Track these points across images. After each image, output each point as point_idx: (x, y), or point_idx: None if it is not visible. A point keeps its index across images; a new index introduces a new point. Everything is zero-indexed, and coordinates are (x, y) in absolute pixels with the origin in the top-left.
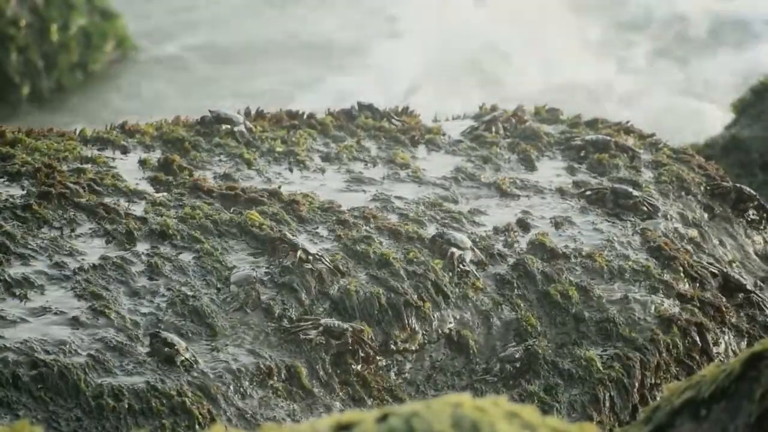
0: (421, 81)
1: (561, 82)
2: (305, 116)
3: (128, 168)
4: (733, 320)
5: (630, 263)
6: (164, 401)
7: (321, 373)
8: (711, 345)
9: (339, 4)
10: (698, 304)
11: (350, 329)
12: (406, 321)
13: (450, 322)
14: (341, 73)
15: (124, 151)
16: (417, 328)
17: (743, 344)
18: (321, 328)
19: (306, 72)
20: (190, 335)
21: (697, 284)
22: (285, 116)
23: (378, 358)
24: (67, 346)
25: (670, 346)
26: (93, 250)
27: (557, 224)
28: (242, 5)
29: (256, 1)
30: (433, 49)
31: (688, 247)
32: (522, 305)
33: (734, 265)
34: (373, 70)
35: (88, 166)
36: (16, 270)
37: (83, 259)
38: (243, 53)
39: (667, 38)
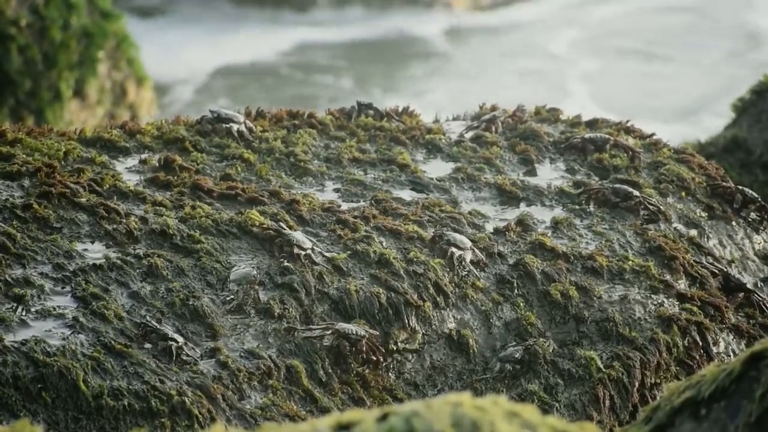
0: None
1: None
2: (306, 116)
3: (128, 168)
4: (733, 320)
5: (630, 263)
6: (164, 401)
7: (321, 373)
8: (711, 344)
9: None
10: (698, 304)
11: (367, 335)
12: (406, 321)
13: (450, 322)
14: None
15: (125, 151)
16: (417, 328)
17: (743, 344)
18: (335, 334)
19: None
20: (190, 335)
21: (697, 284)
22: (285, 116)
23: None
24: (67, 346)
25: (671, 346)
26: (93, 250)
27: (557, 224)
28: None
29: None
30: None
31: (689, 247)
32: (522, 305)
33: (734, 264)
34: None
35: (89, 166)
36: (16, 270)
37: (83, 260)
38: None
39: None
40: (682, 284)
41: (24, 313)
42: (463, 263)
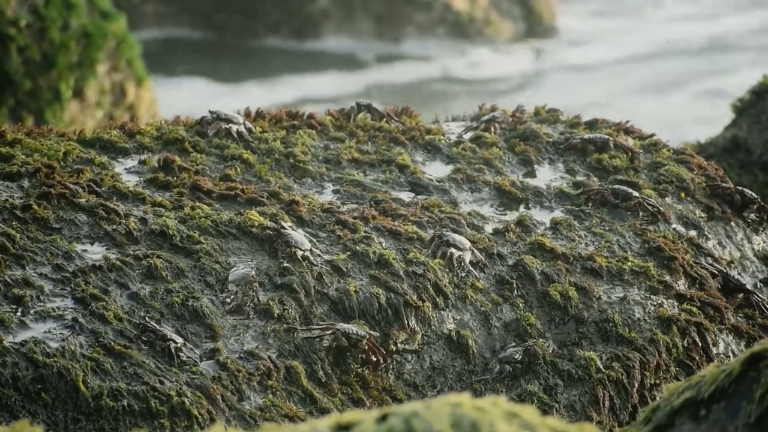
0: None
1: None
2: (305, 116)
3: (128, 169)
4: (733, 320)
5: (629, 264)
6: (163, 402)
7: (320, 373)
8: (710, 345)
9: None
10: (698, 305)
11: (367, 336)
12: (406, 321)
13: (450, 323)
14: None
15: (124, 151)
16: (417, 329)
17: (742, 344)
18: (336, 334)
19: None
20: (189, 336)
21: (697, 284)
22: (285, 116)
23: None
24: (66, 347)
25: (670, 347)
26: (92, 251)
27: (557, 225)
28: None
29: None
30: None
31: (688, 248)
32: (522, 306)
33: (733, 265)
34: None
35: (88, 166)
36: (15, 271)
37: (83, 261)
38: None
39: None
40: (681, 285)
41: (23, 314)
42: (463, 264)
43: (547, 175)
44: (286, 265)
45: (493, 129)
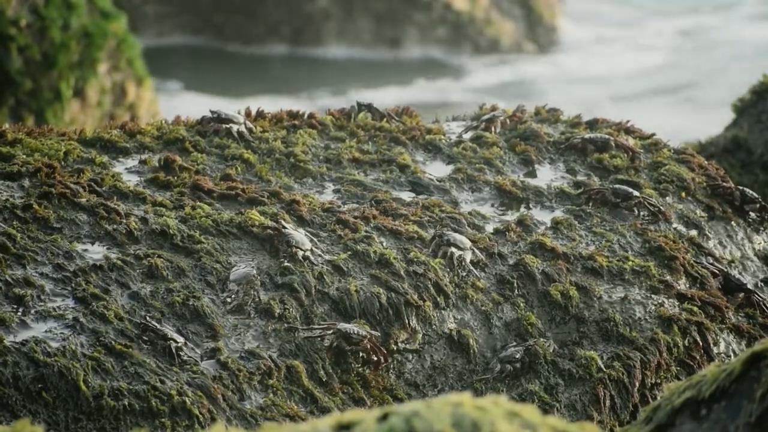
0: None
1: None
2: (306, 116)
3: (128, 168)
4: (733, 320)
5: (630, 263)
6: (164, 401)
7: (321, 373)
8: (711, 344)
9: None
10: (698, 304)
11: (368, 336)
12: (407, 321)
13: (450, 322)
14: None
15: (125, 151)
16: (417, 328)
17: (743, 344)
18: (337, 333)
19: None
20: (190, 335)
21: (698, 284)
22: (285, 116)
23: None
24: (67, 346)
25: (671, 346)
26: (93, 250)
27: (557, 225)
28: None
29: None
30: None
31: (689, 247)
32: (522, 305)
33: (734, 265)
34: None
35: (89, 166)
36: (16, 271)
37: (83, 260)
38: None
39: None
40: (682, 284)
41: (24, 314)
42: (463, 263)
43: (548, 175)
44: (286, 264)
45: (493, 128)
